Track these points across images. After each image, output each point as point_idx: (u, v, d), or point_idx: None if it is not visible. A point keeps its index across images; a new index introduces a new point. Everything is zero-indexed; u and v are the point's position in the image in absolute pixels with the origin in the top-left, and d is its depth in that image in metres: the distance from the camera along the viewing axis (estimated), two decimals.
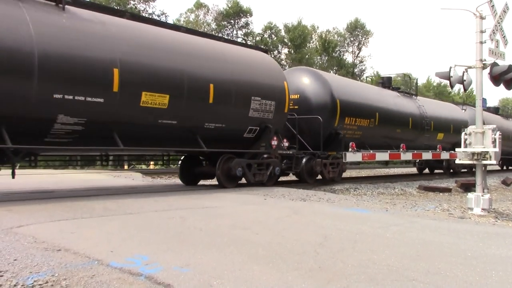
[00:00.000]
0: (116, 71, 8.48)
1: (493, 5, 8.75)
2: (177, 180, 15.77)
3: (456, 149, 9.08)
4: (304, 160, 13.82)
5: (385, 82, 19.43)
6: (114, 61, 8.51)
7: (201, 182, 12.99)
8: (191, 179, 12.65)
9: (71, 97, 7.93)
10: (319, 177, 14.60)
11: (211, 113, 10.35)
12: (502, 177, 20.03)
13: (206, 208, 7.29)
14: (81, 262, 3.78)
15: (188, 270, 3.64)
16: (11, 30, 7.34)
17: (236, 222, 6.00)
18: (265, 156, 12.20)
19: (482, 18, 8.70)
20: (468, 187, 14.29)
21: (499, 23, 8.84)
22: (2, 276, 3.37)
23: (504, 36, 9.05)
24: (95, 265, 3.71)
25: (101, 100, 8.34)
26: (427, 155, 19.37)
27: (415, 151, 18.43)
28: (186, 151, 11.56)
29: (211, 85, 10.19)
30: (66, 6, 8.29)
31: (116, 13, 9.80)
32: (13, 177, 8.30)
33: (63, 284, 3.29)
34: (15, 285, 3.21)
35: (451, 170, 22.31)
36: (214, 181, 12.13)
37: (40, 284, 3.25)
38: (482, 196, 8.36)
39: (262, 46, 22.60)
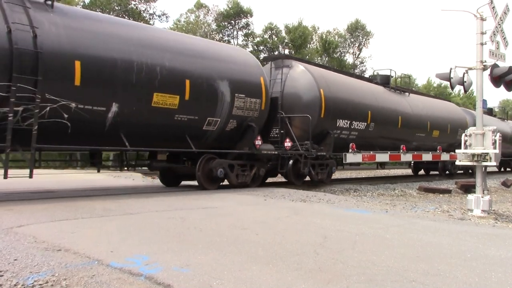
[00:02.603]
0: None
1: (493, 7, 8.75)
2: None
3: (456, 151, 9.08)
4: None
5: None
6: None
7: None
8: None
9: None
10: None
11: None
12: (500, 179, 20.03)
13: (206, 209, 7.30)
14: (81, 262, 3.79)
15: (188, 270, 3.65)
16: None
17: (236, 223, 6.00)
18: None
19: (482, 19, 8.70)
20: (468, 189, 14.28)
21: (499, 24, 8.84)
22: (2, 276, 3.37)
23: (505, 38, 9.05)
24: (95, 265, 3.71)
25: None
26: (427, 157, 19.16)
27: (415, 152, 18.19)
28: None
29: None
30: None
31: None
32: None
33: (63, 284, 3.29)
34: (15, 285, 3.21)
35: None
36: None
37: (40, 284, 3.26)
38: (482, 197, 8.36)
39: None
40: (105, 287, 3.25)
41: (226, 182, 11.58)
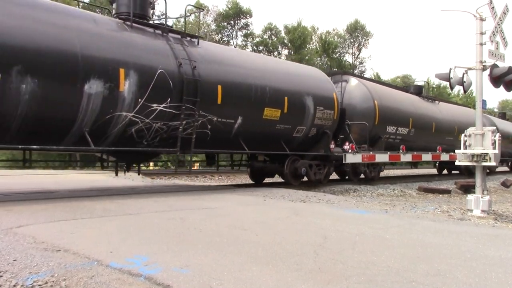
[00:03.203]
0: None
1: (493, 7, 8.76)
2: (176, 181, 15.80)
3: (456, 151, 9.09)
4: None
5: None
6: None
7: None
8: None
9: None
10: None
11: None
12: (500, 179, 20.04)
13: (206, 209, 7.29)
14: (81, 263, 3.78)
15: (187, 271, 3.64)
16: None
17: (235, 223, 6.00)
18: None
19: (482, 19, 8.71)
20: (468, 189, 14.29)
21: (499, 24, 8.84)
22: (1, 276, 3.37)
23: (504, 38, 9.05)
24: (94, 266, 3.71)
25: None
26: (426, 157, 19.38)
27: (415, 153, 18.43)
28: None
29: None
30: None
31: None
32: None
33: (63, 284, 3.28)
34: (14, 286, 3.21)
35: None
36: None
37: (39, 285, 3.25)
38: (482, 197, 8.36)
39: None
40: None
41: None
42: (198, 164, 27.80)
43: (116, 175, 12.77)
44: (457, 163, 9.06)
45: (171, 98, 9.66)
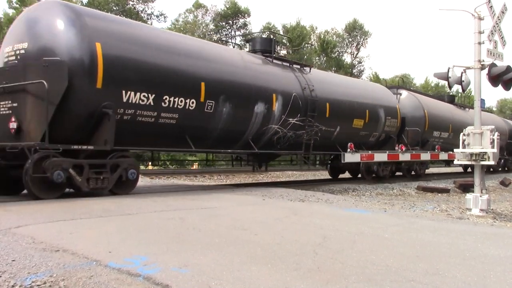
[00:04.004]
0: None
1: (491, 6, 8.76)
2: (175, 181, 15.79)
3: (455, 150, 9.10)
4: None
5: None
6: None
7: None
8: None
9: None
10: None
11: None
12: (498, 178, 20.06)
13: (205, 209, 7.29)
14: (80, 263, 3.77)
15: (186, 271, 3.64)
16: None
17: (235, 223, 6.00)
18: None
19: (480, 19, 8.71)
20: (467, 188, 14.31)
21: (497, 24, 8.85)
22: (0, 276, 3.36)
23: (503, 37, 9.06)
24: (93, 266, 3.70)
25: None
26: (425, 156, 19.42)
27: (413, 152, 18.52)
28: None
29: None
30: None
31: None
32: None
33: (61, 284, 3.28)
34: (13, 286, 3.20)
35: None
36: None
37: (38, 285, 3.25)
38: (481, 196, 8.38)
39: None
40: None
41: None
42: (198, 164, 28.27)
43: None
44: (455, 162, 9.07)
45: (300, 114, 13.06)
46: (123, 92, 8.90)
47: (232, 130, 11.41)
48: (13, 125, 8.50)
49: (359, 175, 18.06)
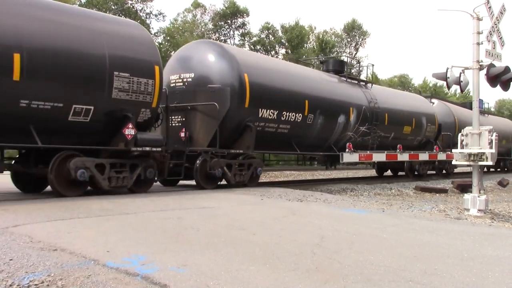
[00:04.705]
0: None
1: (490, 7, 8.77)
2: None
3: (453, 150, 9.10)
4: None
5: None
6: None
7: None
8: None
9: None
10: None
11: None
12: (496, 179, 20.09)
13: (204, 209, 7.28)
14: (77, 262, 3.76)
15: (184, 271, 3.63)
16: None
17: (233, 223, 5.99)
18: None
19: (479, 19, 8.72)
20: (465, 188, 14.32)
21: (496, 24, 8.86)
22: None
23: (501, 38, 9.07)
24: (91, 265, 3.69)
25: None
26: (423, 156, 19.46)
27: (412, 152, 18.57)
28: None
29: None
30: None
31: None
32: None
33: (59, 284, 3.27)
34: (10, 285, 3.19)
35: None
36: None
37: (36, 284, 3.24)
38: (479, 197, 8.38)
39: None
40: (101, 287, 3.23)
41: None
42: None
43: None
44: (454, 162, 9.08)
45: (367, 123, 15.77)
46: (259, 109, 11.77)
47: (322, 137, 14.31)
48: (183, 134, 11.11)
49: (399, 173, 21.42)
